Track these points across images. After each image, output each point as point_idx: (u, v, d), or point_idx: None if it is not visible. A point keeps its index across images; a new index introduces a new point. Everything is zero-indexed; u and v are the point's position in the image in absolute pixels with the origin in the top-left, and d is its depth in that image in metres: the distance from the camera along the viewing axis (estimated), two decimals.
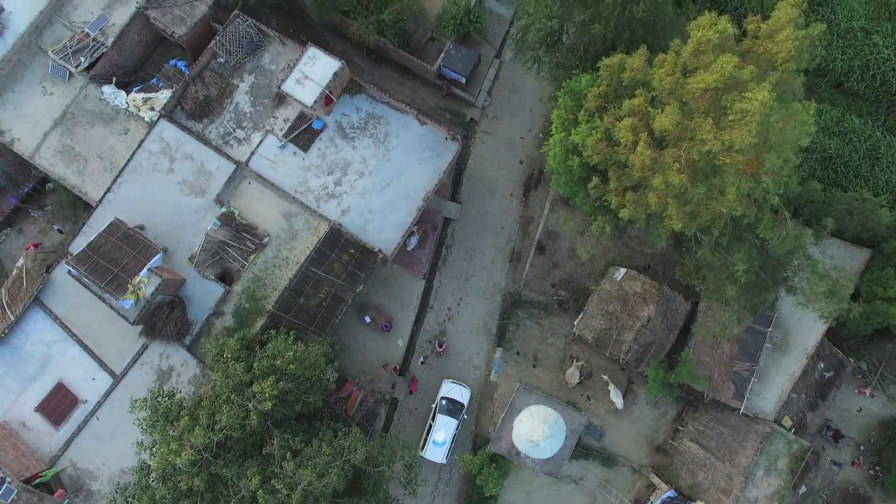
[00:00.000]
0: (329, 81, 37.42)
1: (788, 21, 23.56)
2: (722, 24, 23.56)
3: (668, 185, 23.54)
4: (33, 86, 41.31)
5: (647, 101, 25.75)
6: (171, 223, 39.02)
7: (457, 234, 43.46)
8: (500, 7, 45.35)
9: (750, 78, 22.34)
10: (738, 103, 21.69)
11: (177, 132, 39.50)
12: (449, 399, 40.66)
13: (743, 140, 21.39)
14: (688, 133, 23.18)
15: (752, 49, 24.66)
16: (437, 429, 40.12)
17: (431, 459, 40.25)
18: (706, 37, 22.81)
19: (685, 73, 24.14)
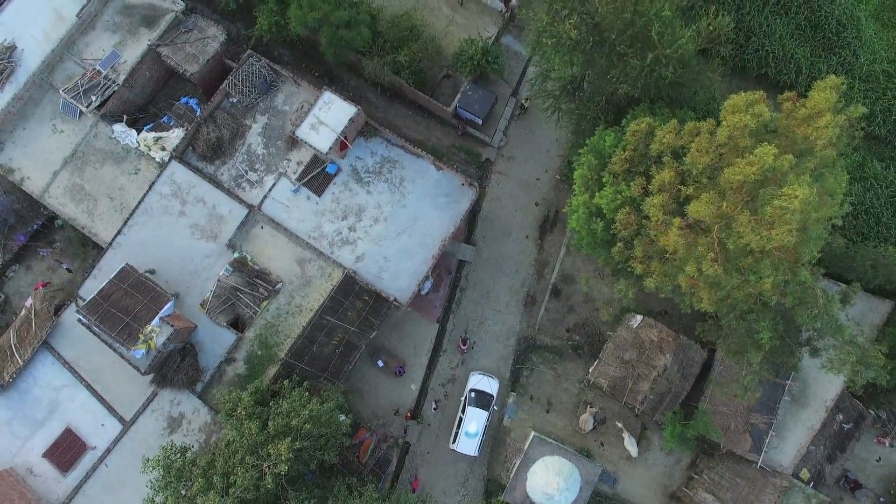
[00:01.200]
0: (344, 127, 36.76)
1: (827, 107, 22.90)
2: (759, 108, 22.88)
3: (701, 273, 22.95)
4: (44, 123, 40.67)
5: (678, 176, 25.12)
6: (183, 268, 38.44)
7: (471, 277, 42.85)
8: (516, 44, 44.63)
9: (789, 168, 21.72)
10: (778, 200, 21.06)
11: (188, 174, 38.87)
12: (478, 391, 40.24)
13: (783, 239, 20.77)
14: (722, 220, 22.59)
15: (788, 128, 24.01)
16: (468, 421, 39.63)
17: (464, 452, 39.84)
18: (743, 121, 22.15)
19: (719, 154, 23.51)
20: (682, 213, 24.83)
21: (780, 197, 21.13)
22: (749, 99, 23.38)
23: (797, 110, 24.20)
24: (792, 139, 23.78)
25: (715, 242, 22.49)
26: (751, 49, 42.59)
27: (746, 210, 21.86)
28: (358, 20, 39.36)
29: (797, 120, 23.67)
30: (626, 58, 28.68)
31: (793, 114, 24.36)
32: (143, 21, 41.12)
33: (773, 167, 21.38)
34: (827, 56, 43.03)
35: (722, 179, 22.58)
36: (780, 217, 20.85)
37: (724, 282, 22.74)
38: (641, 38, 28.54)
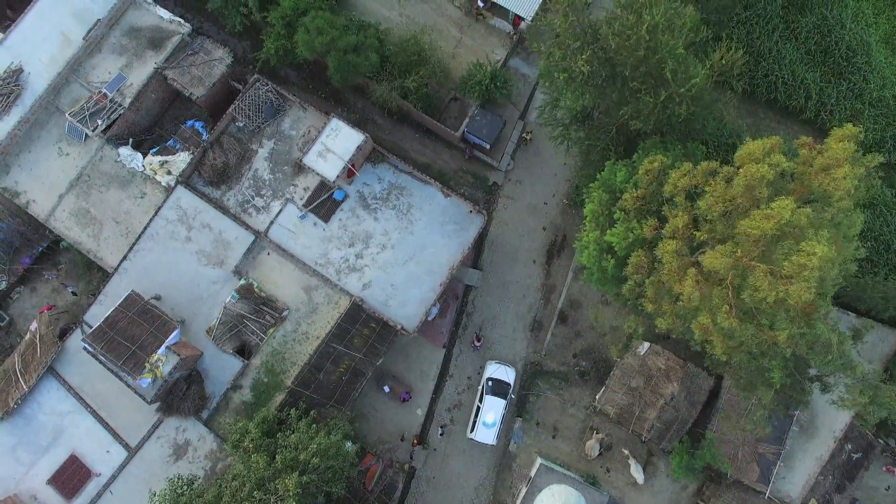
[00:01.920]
0: (352, 155, 36.53)
1: (845, 157, 22.66)
2: (776, 157, 22.62)
3: (716, 324, 22.75)
4: (49, 146, 40.44)
5: (691, 219, 24.88)
6: (189, 294, 38.23)
7: (478, 302, 42.63)
8: (524, 67, 44.37)
9: (807, 223, 21.49)
10: (796, 256, 20.83)
11: (194, 200, 38.65)
12: (495, 379, 40.28)
13: (801, 296, 20.56)
14: (738, 271, 22.37)
15: (805, 175, 23.75)
16: (486, 410, 39.72)
17: (482, 441, 39.96)
18: (760, 172, 21.91)
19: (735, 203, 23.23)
20: (696, 256, 24.58)
21: (798, 253, 20.91)
22: (766, 147, 23.10)
23: (814, 158, 23.94)
24: (808, 185, 23.53)
25: (730, 294, 22.31)
26: (760, 74, 42.34)
27: (763, 263, 21.64)
28: (365, 44, 39.14)
29: (814, 168, 23.44)
30: (639, 94, 28.44)
31: (809, 161, 24.08)
32: (150, 43, 40.88)
33: (791, 221, 21.18)
34: (837, 81, 42.78)
35: (738, 230, 22.37)
36: (797, 273, 20.64)
37: (739, 333, 22.54)
38: (655, 74, 28.30)
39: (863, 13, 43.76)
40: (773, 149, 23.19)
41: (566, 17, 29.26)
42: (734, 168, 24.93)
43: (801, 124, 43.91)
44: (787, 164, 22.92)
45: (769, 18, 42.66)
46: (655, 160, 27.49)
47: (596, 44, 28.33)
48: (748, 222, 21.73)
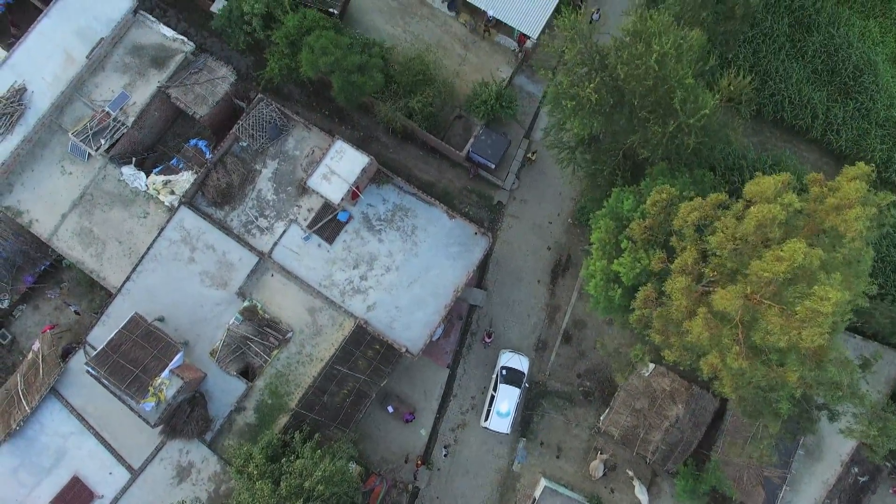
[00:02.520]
0: (356, 178, 36.34)
1: (857, 198, 22.45)
2: (788, 197, 22.39)
3: (725, 364, 22.56)
4: (52, 165, 40.22)
5: (700, 254, 24.68)
6: (192, 315, 38.05)
7: (482, 322, 42.47)
8: (529, 84, 44.17)
9: (819, 265, 21.29)
10: (809, 301, 20.64)
11: (198, 220, 38.45)
12: (509, 368, 40.17)
13: (813, 341, 20.38)
14: (748, 311, 22.19)
15: (816, 214, 23.52)
16: (500, 399, 39.60)
17: (496, 430, 39.87)
18: (772, 213, 21.70)
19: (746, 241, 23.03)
20: (704, 284, 24.38)
21: (810, 297, 20.72)
22: (777, 186, 22.83)
23: (825, 196, 23.70)
24: (819, 223, 23.30)
25: (740, 334, 22.13)
26: (767, 93, 42.14)
27: (774, 302, 21.47)
28: (370, 64, 38.90)
29: (825, 207, 23.23)
30: (647, 123, 28.23)
31: (820, 198, 23.86)
32: (153, 62, 40.64)
33: (803, 265, 20.97)
34: (843, 101, 42.61)
35: (749, 271, 22.17)
36: (810, 318, 20.46)
37: (749, 374, 22.37)
38: (663, 104, 28.09)
39: (869, 32, 43.58)
40: (785, 188, 22.96)
41: (574, 44, 29.04)
42: (744, 201, 24.71)
43: (807, 143, 43.76)
44: (799, 205, 22.70)
45: (776, 37, 42.49)
46: (663, 191, 27.28)
47: (604, 72, 28.12)
48: (760, 265, 21.53)
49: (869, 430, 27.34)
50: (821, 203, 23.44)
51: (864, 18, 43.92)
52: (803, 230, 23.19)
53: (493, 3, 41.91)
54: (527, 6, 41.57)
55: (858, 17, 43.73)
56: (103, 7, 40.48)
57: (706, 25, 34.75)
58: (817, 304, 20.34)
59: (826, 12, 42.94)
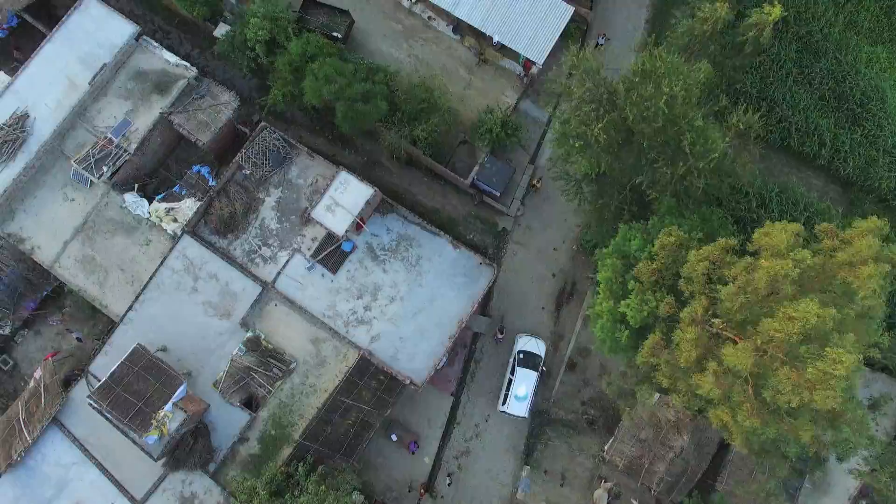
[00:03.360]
0: (361, 210, 36.08)
1: (870, 255, 22.17)
2: (801, 253, 22.10)
3: (736, 420, 22.33)
4: (55, 191, 40.01)
5: (710, 303, 24.43)
6: (195, 345, 37.84)
7: (486, 349, 42.23)
8: (535, 109, 43.86)
9: (832, 325, 21.04)
10: (822, 363, 20.38)
11: (201, 249, 38.22)
12: (526, 352, 40.05)
13: (826, 404, 20.14)
14: (759, 366, 21.95)
15: (827, 267, 23.24)
16: (518, 383, 39.45)
17: (514, 414, 39.71)
18: (784, 270, 21.43)
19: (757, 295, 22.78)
20: (714, 340, 24.14)
21: (823, 359, 20.47)
22: (789, 241, 22.48)
23: (837, 250, 23.42)
24: (831, 277, 23.03)
25: (751, 391, 21.88)
26: (774, 120, 41.82)
27: (786, 364, 21.21)
28: (374, 92, 38.59)
29: (837, 261, 22.96)
30: (656, 164, 27.96)
31: (832, 249, 23.59)
32: (155, 88, 40.37)
33: (816, 326, 20.71)
34: (851, 128, 42.29)
35: (760, 329, 21.91)
36: (823, 381, 20.22)
37: (761, 432, 22.16)
38: (672, 145, 27.82)
39: (877, 58, 43.24)
40: (796, 240, 22.67)
41: (582, 84, 28.75)
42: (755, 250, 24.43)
43: (814, 170, 43.46)
44: (812, 261, 22.38)
45: (783, 63, 42.16)
46: (672, 234, 27.00)
47: (613, 111, 27.83)
48: (771, 324, 21.28)
49: (881, 476, 27.09)
50: (832, 256, 23.19)
51: (872, 44, 43.57)
52: (815, 279, 22.90)
53: (498, 28, 41.59)
54: (533, 32, 41.26)
55: (866, 43, 43.38)
56: (106, 33, 40.24)
57: (714, 58, 34.52)
58: (830, 366, 20.12)
59: (834, 38, 42.60)
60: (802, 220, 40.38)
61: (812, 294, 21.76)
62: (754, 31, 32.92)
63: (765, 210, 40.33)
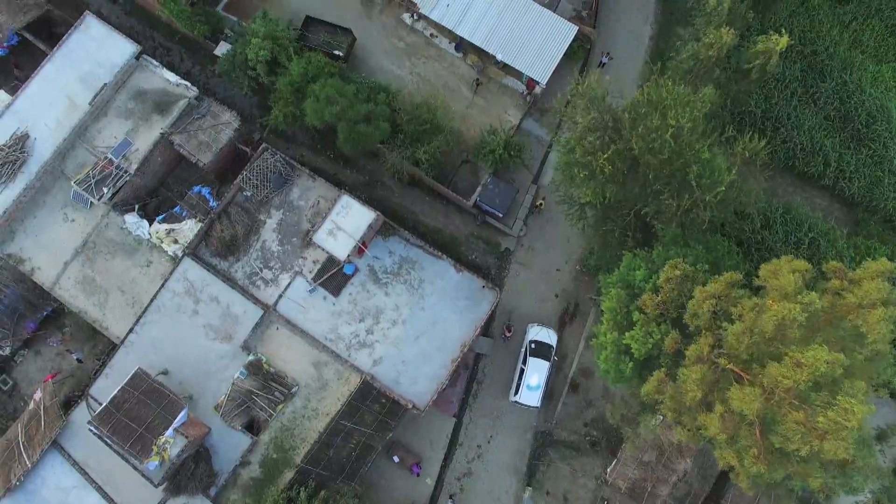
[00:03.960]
0: (363, 234, 35.83)
1: (880, 298, 21.92)
2: (809, 297, 21.83)
3: (742, 465, 22.09)
4: (55, 212, 39.73)
5: (716, 340, 24.20)
6: (196, 368, 37.62)
7: (488, 370, 42.00)
8: (537, 128, 43.59)
9: (842, 372, 20.78)
10: (832, 412, 20.12)
11: (201, 272, 37.98)
12: (538, 342, 39.95)
13: (836, 454, 19.90)
14: (767, 410, 21.70)
15: (836, 308, 22.96)
16: (530, 372, 39.31)
17: (526, 404, 39.60)
18: (791, 315, 21.18)
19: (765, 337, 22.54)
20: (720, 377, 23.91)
21: (833, 408, 20.21)
22: (796, 283, 22.18)
23: (845, 291, 23.16)
24: (839, 317, 22.76)
25: (758, 435, 21.65)
26: (778, 140, 41.56)
27: (794, 410, 20.96)
28: (376, 113, 38.33)
29: (846, 303, 22.69)
30: (662, 196, 27.71)
31: (840, 289, 23.32)
32: (156, 107, 40.10)
33: (826, 373, 20.45)
34: (856, 148, 42.05)
35: (767, 373, 21.64)
36: (834, 431, 19.96)
37: (768, 477, 21.93)
38: (678, 176, 27.55)
39: (882, 77, 42.96)
40: (804, 282, 22.38)
41: (587, 113, 28.48)
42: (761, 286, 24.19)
43: (819, 189, 43.22)
44: (820, 304, 22.13)
45: (788, 83, 41.88)
46: (677, 266, 26.74)
47: (619, 142, 27.56)
48: (779, 370, 21.02)
49: None
50: (841, 297, 22.95)
51: (878, 63, 43.30)
52: (823, 321, 22.65)
53: (502, 47, 41.30)
54: (536, 51, 40.98)
55: (871, 62, 43.10)
56: (106, 52, 39.96)
57: (719, 83, 34.23)
58: (841, 415, 19.87)
59: (839, 57, 42.33)
60: (807, 241, 40.21)
61: (820, 335, 21.50)
62: (761, 58, 32.61)
63: (769, 231, 40.05)
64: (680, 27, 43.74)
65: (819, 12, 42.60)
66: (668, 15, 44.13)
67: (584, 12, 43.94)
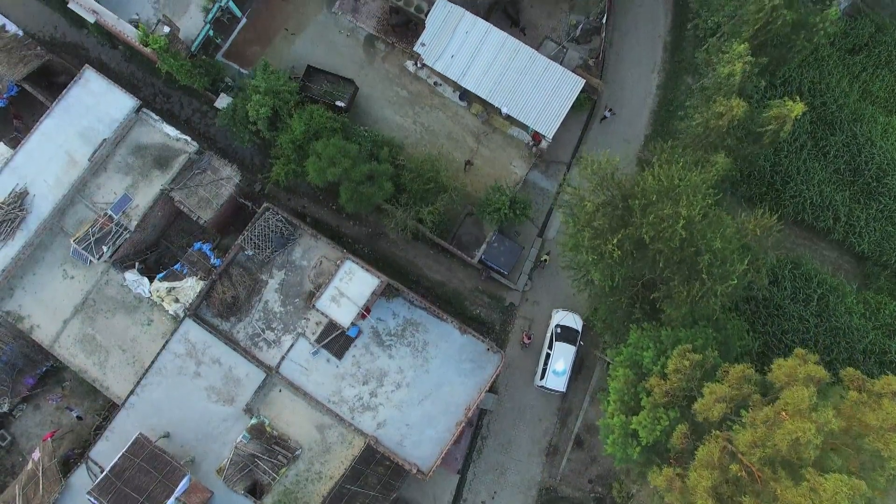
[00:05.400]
0: (367, 300, 35.34)
1: None
2: (825, 415, 21.33)
3: None
4: (54, 268, 39.21)
5: (726, 440, 23.75)
6: (198, 430, 37.21)
7: (492, 426, 41.63)
8: (543, 180, 43.04)
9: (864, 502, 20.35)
10: None
11: (203, 333, 37.50)
12: (563, 326, 39.83)
13: None
14: None
15: (854, 425, 22.45)
16: (556, 357, 39.20)
17: (553, 389, 39.50)
18: (807, 435, 20.69)
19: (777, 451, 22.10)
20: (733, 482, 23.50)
21: None
22: (812, 398, 21.67)
23: (864, 403, 22.62)
24: (856, 436, 22.29)
25: None
26: (787, 195, 41.02)
27: None
28: (379, 171, 37.77)
29: (865, 421, 22.15)
30: (672, 282, 27.20)
31: (858, 403, 22.78)
32: (156, 162, 39.52)
33: None
34: (866, 203, 41.51)
35: (783, 498, 21.18)
36: None
37: None
38: (689, 263, 27.04)
39: (893, 129, 42.33)
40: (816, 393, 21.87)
41: (596, 195, 27.95)
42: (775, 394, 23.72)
43: (828, 244, 42.69)
44: (836, 425, 21.68)
45: (797, 136, 41.28)
46: (686, 357, 26.26)
47: (628, 230, 27.03)
48: (795, 496, 20.54)
49: None
50: (859, 411, 22.47)
51: (888, 115, 42.68)
52: (840, 440, 22.20)
53: (507, 100, 40.68)
54: (542, 104, 40.37)
55: (881, 114, 42.47)
56: (106, 107, 39.31)
57: (730, 147, 33.67)
58: None
59: (849, 109, 41.72)
60: (816, 297, 39.79)
61: (838, 454, 21.06)
62: (774, 123, 32.04)
63: (777, 288, 39.66)
64: (688, 76, 43.07)
65: (829, 63, 41.94)
66: (675, 63, 43.47)
67: (590, 61, 43.30)
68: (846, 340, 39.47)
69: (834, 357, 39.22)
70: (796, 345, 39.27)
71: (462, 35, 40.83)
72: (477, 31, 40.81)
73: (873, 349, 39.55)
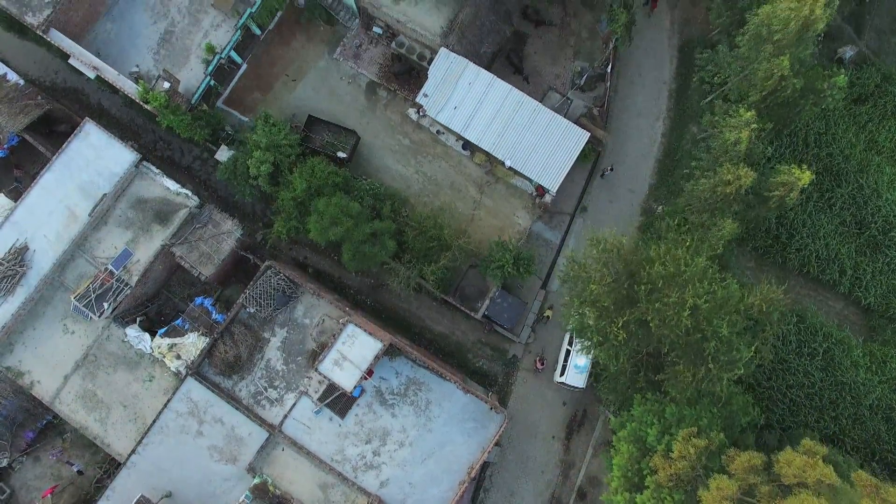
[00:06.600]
0: (369, 364, 35.13)
1: None
2: None
3: None
4: (54, 324, 38.97)
5: None
6: (201, 490, 37.07)
7: (495, 478, 41.51)
8: (547, 231, 42.74)
9: None
10: None
11: (205, 392, 37.30)
12: None
13: None
14: None
15: None
16: (577, 353, 38.90)
17: (572, 385, 39.56)
18: None
19: None
20: None
21: None
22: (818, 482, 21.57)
23: None
24: None
25: None
26: (793, 247, 40.73)
27: None
28: (381, 229, 37.49)
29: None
30: (676, 367, 26.98)
31: None
32: (156, 217, 39.22)
33: None
34: (873, 255, 41.23)
35: None
36: None
37: None
38: (695, 347, 26.81)
39: None
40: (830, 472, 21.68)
41: (602, 275, 27.70)
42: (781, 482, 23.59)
43: (834, 295, 42.42)
44: None
45: (803, 188, 40.84)
46: (690, 442, 26.07)
47: (634, 314, 26.79)
48: None
49: None
50: None
51: (894, 165, 42.33)
52: None
53: (511, 152, 40.35)
54: (546, 158, 40.06)
55: (888, 164, 42.15)
56: (106, 161, 38.99)
57: (737, 212, 33.41)
58: None
59: (855, 159, 41.39)
60: (821, 351, 39.59)
61: None
62: (781, 189, 31.76)
63: (782, 342, 39.40)
64: (693, 125, 42.72)
65: (835, 113, 41.57)
66: (680, 112, 43.12)
67: (595, 109, 42.95)
68: (852, 395, 39.28)
69: (839, 412, 39.06)
70: (801, 400, 39.20)
71: (465, 86, 40.45)
72: (480, 82, 40.42)
73: (880, 405, 39.37)
